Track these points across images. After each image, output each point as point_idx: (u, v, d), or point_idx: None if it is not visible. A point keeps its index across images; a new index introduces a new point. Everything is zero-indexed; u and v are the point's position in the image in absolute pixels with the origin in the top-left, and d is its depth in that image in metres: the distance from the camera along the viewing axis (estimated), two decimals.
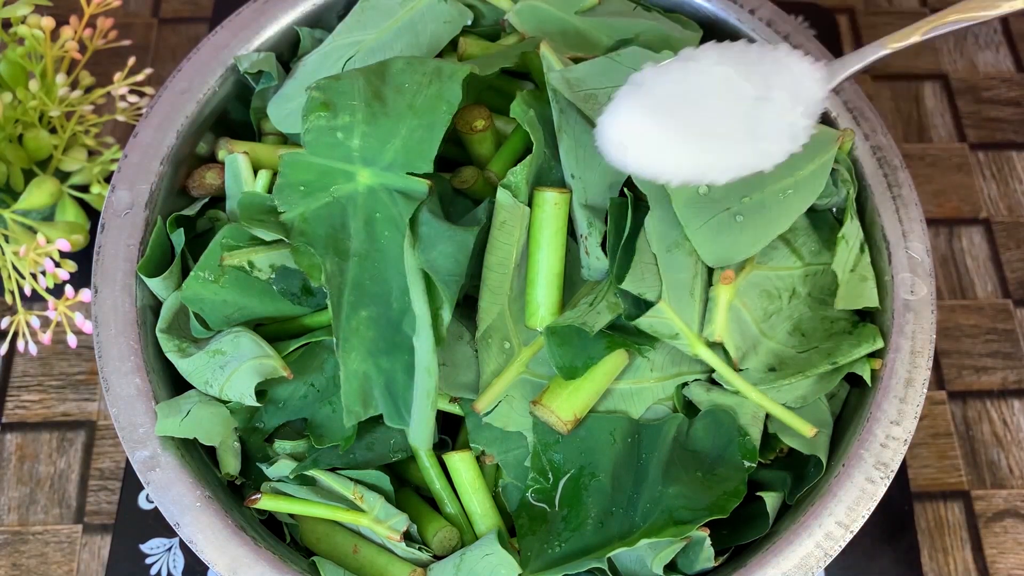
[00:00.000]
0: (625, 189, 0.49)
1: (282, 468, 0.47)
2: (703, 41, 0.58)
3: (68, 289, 0.54)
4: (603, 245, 0.49)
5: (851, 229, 0.51)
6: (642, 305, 0.47)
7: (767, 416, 0.49)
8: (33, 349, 0.57)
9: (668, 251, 0.47)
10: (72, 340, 0.55)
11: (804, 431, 0.47)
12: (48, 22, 0.57)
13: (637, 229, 0.48)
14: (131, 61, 0.62)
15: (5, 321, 0.56)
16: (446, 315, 0.45)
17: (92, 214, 0.62)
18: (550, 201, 0.48)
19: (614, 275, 0.47)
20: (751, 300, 0.49)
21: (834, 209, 0.53)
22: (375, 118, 0.48)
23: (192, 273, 0.48)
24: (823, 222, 0.52)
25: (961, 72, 0.78)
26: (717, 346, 0.48)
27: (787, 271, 0.51)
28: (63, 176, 0.62)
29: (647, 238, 0.47)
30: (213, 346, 0.47)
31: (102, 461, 0.61)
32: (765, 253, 0.50)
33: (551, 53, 0.51)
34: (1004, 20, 0.80)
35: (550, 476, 0.47)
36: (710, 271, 0.49)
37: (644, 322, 0.47)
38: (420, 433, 0.46)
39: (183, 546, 0.58)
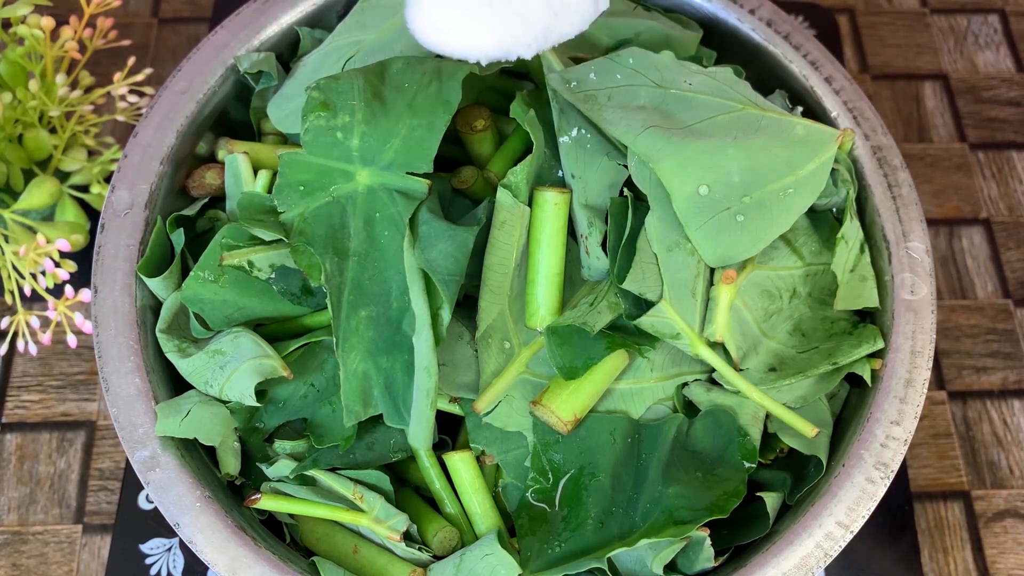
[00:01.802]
0: (625, 189, 0.49)
1: (282, 468, 0.47)
2: (703, 42, 0.58)
3: (68, 289, 0.54)
4: (603, 245, 0.49)
5: (850, 229, 0.51)
6: (643, 305, 0.47)
7: (767, 416, 0.49)
8: (33, 349, 0.57)
9: (669, 251, 0.47)
10: (72, 340, 0.55)
11: (805, 431, 0.47)
12: (48, 22, 0.57)
13: (638, 229, 0.48)
14: (131, 61, 0.62)
15: (5, 321, 0.56)
16: (445, 315, 0.45)
17: (92, 214, 0.62)
18: (550, 201, 0.48)
19: (615, 275, 0.47)
20: (752, 300, 0.49)
21: (834, 209, 0.53)
22: (374, 118, 0.48)
23: (192, 273, 0.48)
24: (823, 222, 0.52)
25: (961, 72, 0.78)
26: (718, 346, 0.48)
27: (788, 271, 0.51)
28: (63, 176, 0.62)
29: (647, 238, 0.47)
30: (213, 346, 0.47)
31: (102, 461, 0.61)
32: (766, 253, 0.50)
33: (551, 53, 0.50)
34: (1004, 20, 0.80)
35: (550, 476, 0.47)
36: (711, 270, 0.49)
37: (645, 322, 0.47)
38: (419, 433, 0.46)
39: (183, 546, 0.58)
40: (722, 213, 0.47)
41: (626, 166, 0.49)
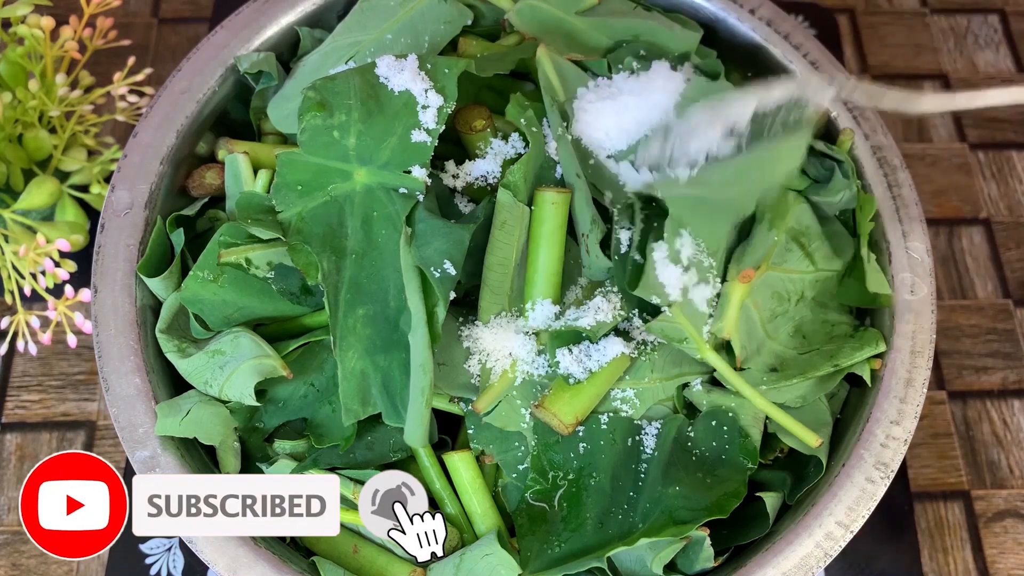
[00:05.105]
0: (632, 194, 0.49)
1: (282, 468, 0.47)
2: (704, 41, 0.58)
3: (68, 289, 0.54)
4: (603, 244, 0.49)
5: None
6: (650, 309, 0.47)
7: (767, 416, 0.49)
8: (33, 349, 0.57)
9: (677, 254, 0.47)
10: (72, 340, 0.55)
11: (810, 441, 0.47)
12: (48, 22, 0.57)
13: (647, 233, 0.47)
14: (131, 61, 0.62)
15: (5, 321, 0.56)
16: (441, 312, 0.45)
17: (92, 214, 0.62)
18: (550, 201, 0.47)
19: (626, 282, 0.47)
20: (763, 300, 0.49)
21: (838, 212, 0.53)
22: (371, 117, 0.48)
23: (191, 273, 0.48)
24: (835, 229, 0.52)
25: (961, 72, 0.78)
26: (722, 345, 0.48)
27: (800, 275, 0.50)
28: (63, 176, 0.62)
29: (654, 244, 0.47)
30: (213, 346, 0.47)
31: None
32: (781, 255, 0.50)
33: (546, 59, 0.51)
34: (1004, 20, 0.80)
35: (550, 476, 0.47)
36: (723, 275, 0.48)
37: (655, 327, 0.47)
38: (415, 431, 0.46)
39: (183, 546, 0.58)
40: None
41: None
